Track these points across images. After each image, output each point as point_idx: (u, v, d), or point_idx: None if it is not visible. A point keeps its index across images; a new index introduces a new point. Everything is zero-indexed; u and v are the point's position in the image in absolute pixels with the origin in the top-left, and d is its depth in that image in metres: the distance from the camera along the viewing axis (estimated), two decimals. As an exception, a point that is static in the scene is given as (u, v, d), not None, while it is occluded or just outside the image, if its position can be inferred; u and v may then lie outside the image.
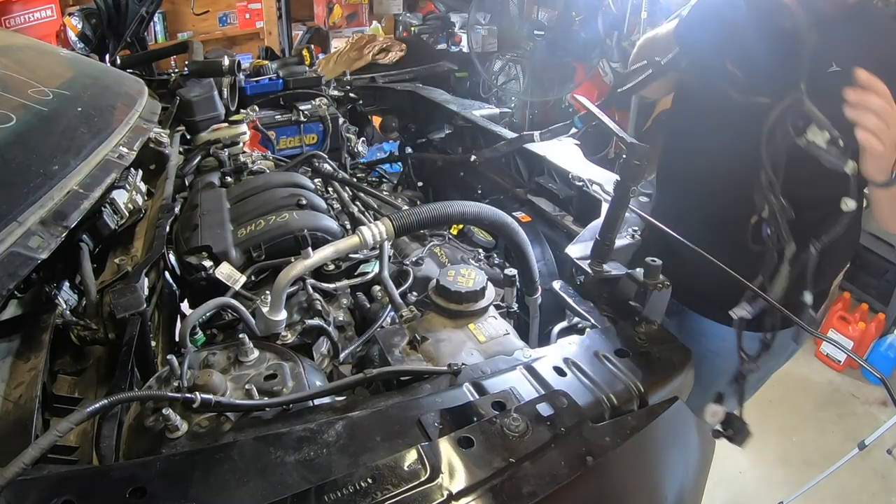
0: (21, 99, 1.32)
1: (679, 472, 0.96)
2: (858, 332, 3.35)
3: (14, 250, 1.01)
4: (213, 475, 0.74)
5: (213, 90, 2.03)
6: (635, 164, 1.09)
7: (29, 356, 0.97)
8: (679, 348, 1.04)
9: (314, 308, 1.23)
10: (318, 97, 2.30)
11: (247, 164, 1.81)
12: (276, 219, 1.40)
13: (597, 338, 1.06)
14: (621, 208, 1.16)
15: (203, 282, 1.29)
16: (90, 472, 0.78)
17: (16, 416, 0.86)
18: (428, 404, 0.89)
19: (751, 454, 2.87)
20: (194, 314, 1.11)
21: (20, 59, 1.57)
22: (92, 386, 1.05)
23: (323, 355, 1.21)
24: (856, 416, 3.15)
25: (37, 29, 3.55)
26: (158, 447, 0.84)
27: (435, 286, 1.18)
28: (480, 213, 1.21)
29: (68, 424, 0.74)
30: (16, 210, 1.07)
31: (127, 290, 1.07)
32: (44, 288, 1.17)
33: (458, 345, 1.10)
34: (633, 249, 1.36)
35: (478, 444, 0.78)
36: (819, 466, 2.71)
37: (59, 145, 1.29)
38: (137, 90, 1.81)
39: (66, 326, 1.08)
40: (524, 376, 0.96)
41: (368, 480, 0.72)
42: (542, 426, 0.81)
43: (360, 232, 1.09)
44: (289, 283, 1.09)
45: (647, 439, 0.86)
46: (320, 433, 0.81)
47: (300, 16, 5.69)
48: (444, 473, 0.74)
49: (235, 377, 0.98)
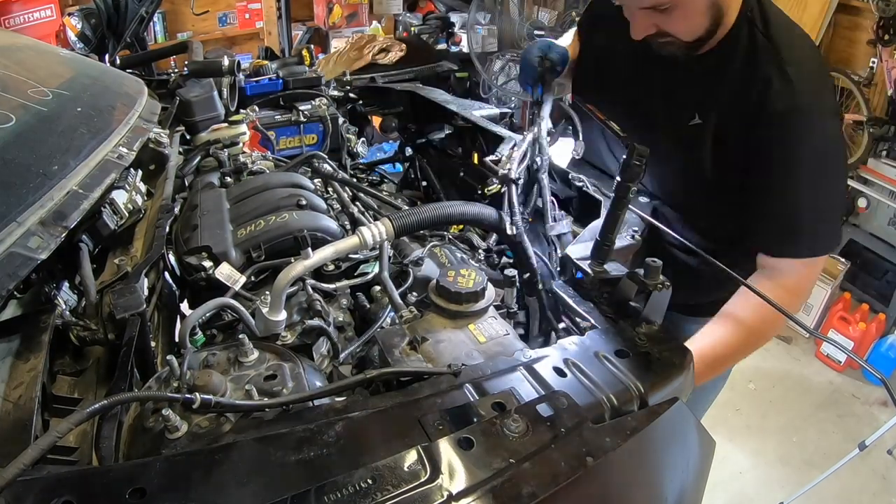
0: (20, 99, 1.32)
1: (679, 473, 0.96)
2: (859, 332, 3.36)
3: (14, 251, 1.00)
4: (212, 476, 0.74)
5: (213, 90, 2.03)
6: (635, 164, 1.09)
7: (28, 357, 0.97)
8: (679, 349, 1.03)
9: (314, 308, 1.23)
10: (317, 97, 2.29)
11: (246, 165, 1.81)
12: (275, 219, 1.40)
13: (597, 338, 1.06)
14: (621, 209, 1.16)
15: (203, 282, 1.29)
16: (90, 473, 0.78)
17: (15, 416, 0.86)
18: (428, 405, 0.89)
19: (751, 455, 2.87)
20: (194, 315, 1.11)
21: (20, 59, 1.57)
22: (91, 386, 1.05)
23: (323, 356, 1.20)
24: (856, 416, 3.15)
25: (36, 29, 3.56)
26: (158, 448, 0.84)
27: (435, 286, 1.18)
28: (481, 213, 1.21)
29: (68, 425, 0.74)
30: (15, 210, 1.07)
31: (126, 290, 1.07)
32: (43, 288, 1.17)
33: (459, 345, 1.09)
34: (633, 250, 1.35)
35: (478, 444, 0.78)
36: (819, 467, 2.72)
37: (59, 145, 1.29)
38: (137, 90, 1.81)
39: (65, 327, 1.07)
40: (524, 377, 0.96)
41: (368, 481, 0.72)
42: (542, 427, 0.81)
43: (359, 232, 1.09)
44: (288, 283, 1.09)
45: (648, 440, 0.86)
46: (320, 434, 0.81)
47: (300, 16, 5.69)
48: (445, 474, 0.74)
49: (235, 378, 0.98)
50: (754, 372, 3.37)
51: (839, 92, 3.86)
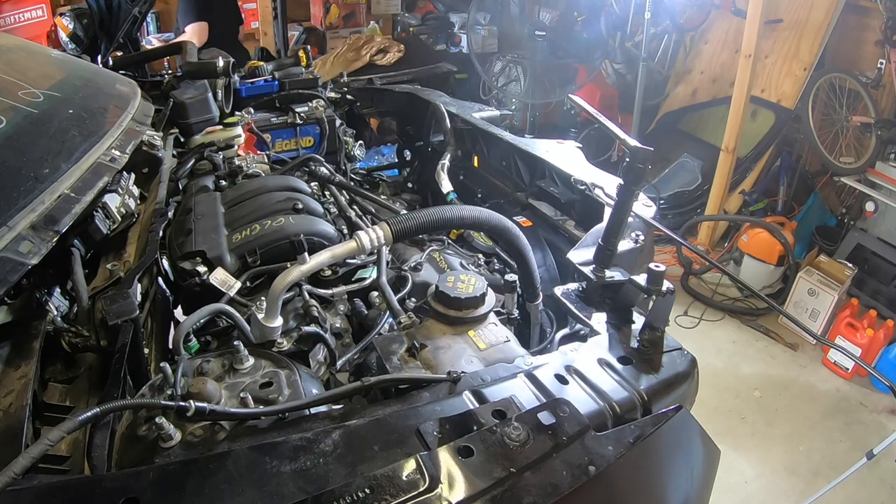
0: (11, 101, 1.31)
1: (683, 482, 0.95)
2: (867, 338, 3.33)
3: (4, 255, 0.99)
4: (207, 485, 0.73)
5: (208, 92, 2.01)
6: (639, 167, 1.07)
7: (19, 364, 0.96)
8: (683, 355, 1.03)
9: (311, 314, 1.22)
10: (314, 99, 2.28)
11: (241, 168, 1.80)
12: (271, 223, 1.39)
13: (599, 345, 1.05)
14: (624, 212, 1.14)
15: (197, 288, 1.28)
16: (82, 482, 0.77)
17: (6, 424, 0.85)
18: (427, 413, 0.88)
19: (757, 463, 2.85)
20: (188, 321, 1.10)
21: (10, 61, 1.55)
22: (83, 394, 1.04)
23: (319, 363, 1.20)
24: (864, 424, 3.12)
25: (27, 29, 3.54)
26: (152, 456, 0.83)
27: (434, 292, 1.17)
28: (480, 217, 1.20)
29: (59, 433, 0.73)
30: (5, 214, 1.05)
31: (119, 296, 1.06)
32: (34, 294, 1.16)
33: (458, 352, 1.08)
34: (636, 254, 1.34)
35: (478, 453, 0.77)
36: (826, 476, 2.69)
37: (50, 148, 1.27)
38: (130, 92, 1.80)
39: (57, 333, 1.07)
40: (525, 384, 0.95)
41: (366, 490, 0.71)
42: (543, 435, 0.80)
43: (357, 237, 1.08)
44: (285, 288, 1.08)
45: (651, 448, 0.85)
46: (317, 442, 0.80)
47: (296, 16, 5.68)
48: (444, 483, 0.73)
49: (230, 385, 0.97)
50: (760, 379, 3.35)
51: (846, 93, 3.82)
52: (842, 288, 3.53)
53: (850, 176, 3.79)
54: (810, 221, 4.18)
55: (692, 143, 4.69)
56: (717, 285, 3.99)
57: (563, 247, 1.56)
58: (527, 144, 1.90)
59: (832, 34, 3.92)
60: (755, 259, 3.90)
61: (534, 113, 4.92)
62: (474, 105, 2.36)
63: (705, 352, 3.52)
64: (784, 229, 3.82)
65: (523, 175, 1.99)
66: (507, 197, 2.02)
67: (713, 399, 3.18)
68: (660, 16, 4.43)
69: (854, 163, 3.76)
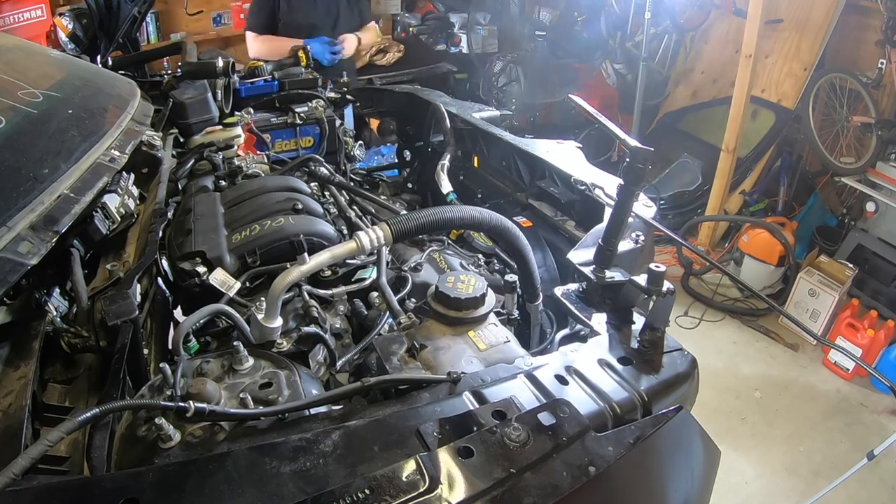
0: (10, 101, 1.31)
1: (684, 483, 0.95)
2: (867, 339, 3.32)
3: (3, 256, 0.99)
4: (207, 486, 0.73)
5: (207, 92, 2.01)
6: (639, 168, 1.07)
7: (18, 364, 0.96)
8: (684, 356, 1.02)
9: (310, 315, 1.22)
10: (314, 99, 2.28)
11: (241, 168, 1.79)
12: (271, 224, 1.39)
13: (599, 345, 1.05)
14: (625, 213, 1.14)
15: (197, 288, 1.28)
16: (81, 483, 0.77)
17: (5, 425, 0.85)
18: (427, 413, 0.87)
19: (757, 464, 2.85)
20: (188, 321, 1.10)
21: (9, 61, 1.55)
22: (83, 395, 1.04)
23: (319, 363, 1.19)
24: (864, 425, 3.11)
25: (26, 29, 3.54)
26: (151, 457, 0.83)
27: (434, 292, 1.17)
28: (480, 217, 1.20)
29: (59, 434, 0.73)
30: (5, 215, 1.05)
31: (119, 296, 1.06)
32: (33, 294, 1.15)
33: (458, 352, 1.08)
34: (636, 255, 1.34)
35: (478, 454, 0.77)
36: (827, 477, 2.69)
37: (50, 148, 1.27)
38: (129, 92, 1.80)
39: (56, 334, 1.06)
40: (525, 385, 0.94)
41: (366, 491, 0.71)
42: (543, 436, 0.80)
43: (357, 237, 1.08)
44: (284, 289, 1.07)
45: (651, 449, 0.85)
46: (317, 443, 0.80)
47: (296, 17, 5.66)
48: (444, 484, 0.73)
49: (230, 386, 0.96)
50: (760, 380, 3.35)
51: (846, 93, 3.82)
52: (842, 288, 3.53)
53: (850, 176, 3.79)
54: (811, 222, 4.18)
55: (692, 143, 4.69)
56: (718, 286, 3.99)
57: (563, 247, 1.56)
58: (527, 144, 1.90)
59: (833, 34, 3.92)
60: (755, 259, 3.89)
61: (533, 113, 4.92)
62: (474, 105, 2.36)
63: (706, 352, 3.52)
64: (784, 230, 3.82)
65: (523, 175, 1.99)
66: (507, 197, 2.01)
67: (713, 399, 3.17)
68: (660, 16, 4.42)
69: (854, 163, 3.76)
